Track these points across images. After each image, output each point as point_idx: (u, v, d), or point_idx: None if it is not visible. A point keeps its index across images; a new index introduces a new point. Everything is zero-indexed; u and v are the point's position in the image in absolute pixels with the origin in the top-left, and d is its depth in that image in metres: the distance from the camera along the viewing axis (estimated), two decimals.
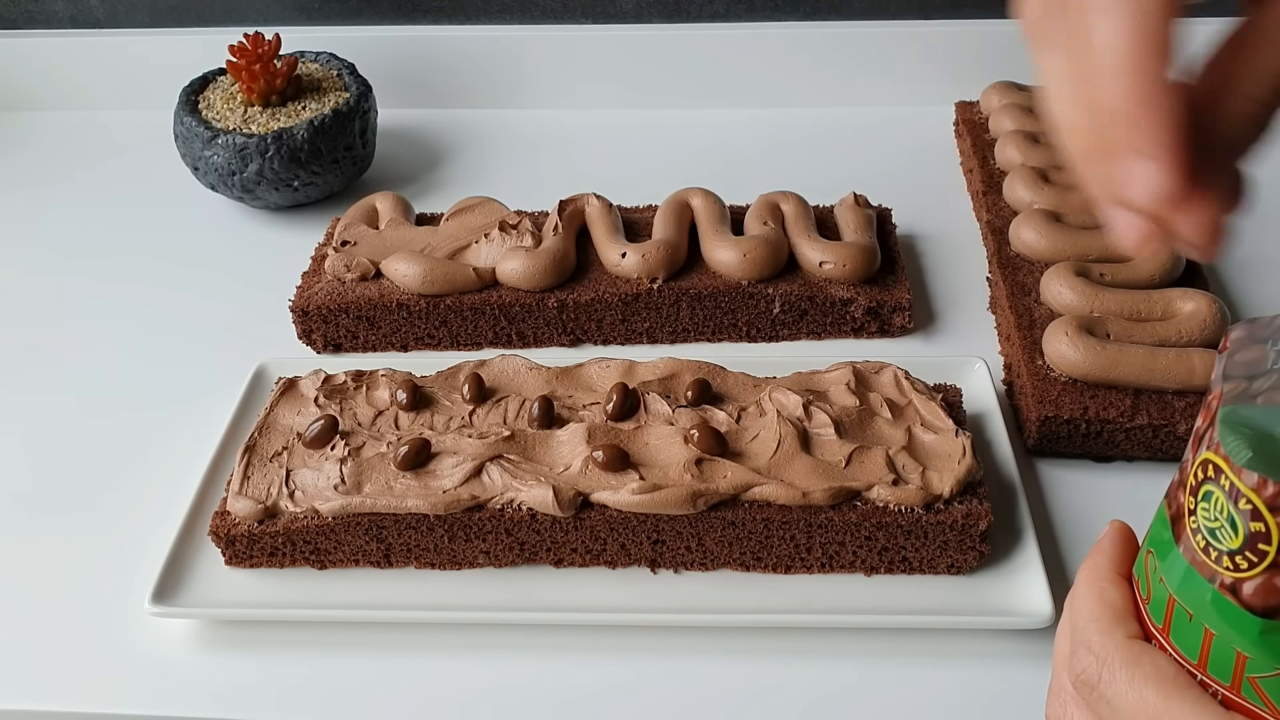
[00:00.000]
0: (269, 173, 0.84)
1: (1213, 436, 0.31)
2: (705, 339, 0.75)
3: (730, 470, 0.56)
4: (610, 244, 0.75)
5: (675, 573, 0.59)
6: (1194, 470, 0.32)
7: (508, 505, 0.57)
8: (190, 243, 0.88)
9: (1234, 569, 0.30)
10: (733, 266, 0.73)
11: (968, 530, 0.55)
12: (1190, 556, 0.32)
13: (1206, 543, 0.31)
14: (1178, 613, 0.32)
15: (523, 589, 0.58)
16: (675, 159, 0.96)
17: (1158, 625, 0.34)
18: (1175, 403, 0.62)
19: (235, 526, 0.58)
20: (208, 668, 0.56)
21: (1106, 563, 0.36)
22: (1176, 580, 0.32)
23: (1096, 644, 0.34)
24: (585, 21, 1.01)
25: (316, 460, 0.59)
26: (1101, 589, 0.36)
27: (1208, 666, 0.32)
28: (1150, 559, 0.34)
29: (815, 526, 0.56)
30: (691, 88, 1.02)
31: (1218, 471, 0.30)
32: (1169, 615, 0.33)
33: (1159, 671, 0.32)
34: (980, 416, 0.65)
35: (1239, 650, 0.31)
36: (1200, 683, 0.32)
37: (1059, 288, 0.67)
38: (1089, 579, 0.36)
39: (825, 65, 1.00)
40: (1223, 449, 0.30)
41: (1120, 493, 0.62)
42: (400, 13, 1.02)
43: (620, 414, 0.60)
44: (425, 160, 0.98)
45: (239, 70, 0.86)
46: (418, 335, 0.75)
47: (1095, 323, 0.65)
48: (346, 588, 0.58)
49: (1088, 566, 0.37)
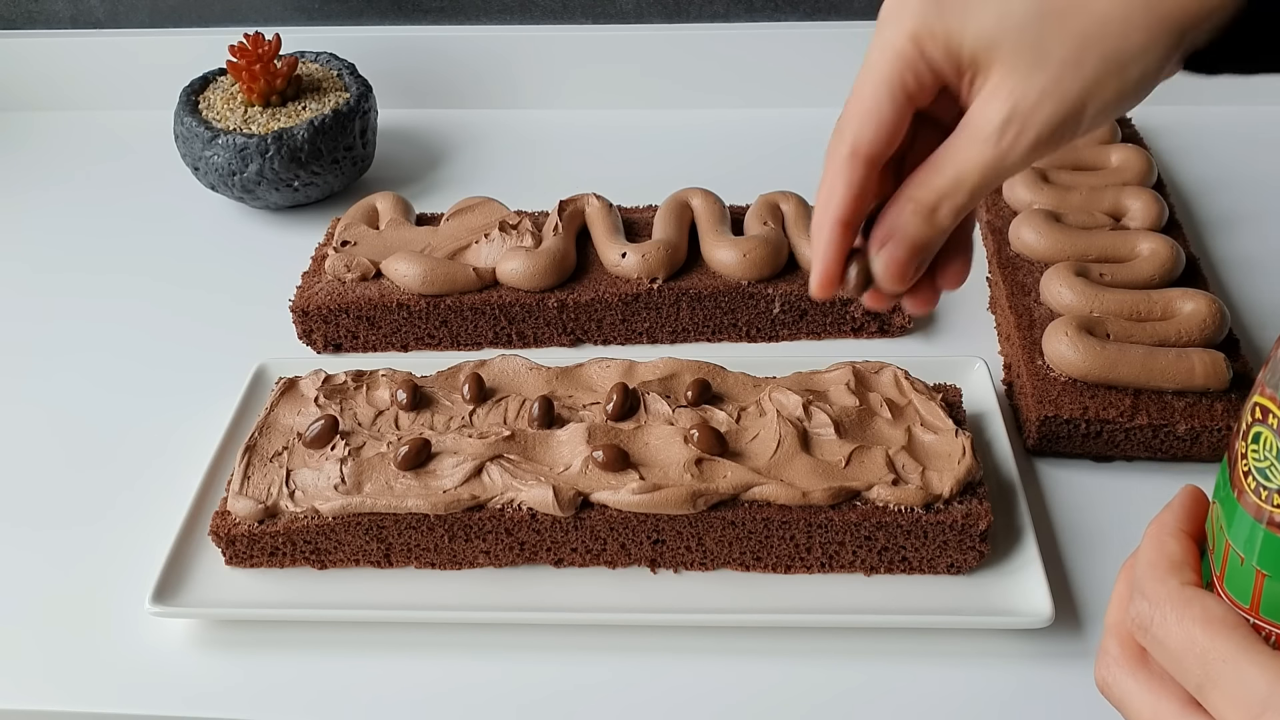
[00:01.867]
0: (269, 173, 0.84)
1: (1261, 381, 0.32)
2: (705, 339, 0.75)
3: (730, 470, 0.56)
4: (610, 244, 0.75)
5: (675, 573, 0.59)
6: (1246, 414, 0.33)
7: (508, 505, 0.57)
8: (190, 243, 0.88)
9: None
10: (733, 266, 0.73)
11: (968, 530, 0.55)
12: (1244, 500, 0.33)
13: (1258, 483, 0.32)
14: (1232, 558, 0.34)
15: (523, 589, 0.58)
16: (675, 159, 0.96)
17: (1216, 573, 0.35)
18: (1175, 403, 0.62)
19: (235, 526, 0.58)
20: (208, 668, 0.56)
21: (1172, 519, 0.37)
22: (1232, 525, 0.33)
23: (1150, 590, 0.35)
24: (585, 21, 1.01)
25: (317, 460, 0.59)
26: (1162, 541, 0.37)
27: (1260, 609, 0.33)
28: (1214, 510, 0.35)
29: (815, 526, 0.56)
30: (691, 88, 1.02)
31: (1265, 413, 0.32)
32: (1225, 561, 0.34)
33: (1207, 612, 0.33)
34: (980, 416, 0.65)
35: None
36: (1253, 626, 0.33)
37: (1059, 288, 0.67)
38: (1152, 534, 0.37)
39: (825, 65, 1.00)
40: (1269, 390, 0.31)
41: (1120, 493, 0.62)
42: (400, 13, 1.02)
43: (620, 414, 0.60)
44: (425, 160, 0.98)
45: (239, 70, 0.86)
46: (418, 335, 0.75)
47: (1095, 323, 0.65)
48: (346, 588, 0.58)
49: (1154, 523, 0.38)
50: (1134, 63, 0.37)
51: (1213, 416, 0.61)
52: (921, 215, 0.41)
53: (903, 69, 0.40)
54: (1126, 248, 0.71)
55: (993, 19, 0.38)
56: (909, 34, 0.39)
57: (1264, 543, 0.32)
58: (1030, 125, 0.38)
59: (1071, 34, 0.37)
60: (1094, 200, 0.75)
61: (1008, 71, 0.38)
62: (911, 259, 0.41)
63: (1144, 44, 0.37)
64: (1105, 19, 0.37)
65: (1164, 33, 0.36)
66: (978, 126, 0.39)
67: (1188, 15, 0.36)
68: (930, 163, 0.40)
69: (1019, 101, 0.38)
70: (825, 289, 0.43)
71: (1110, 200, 0.75)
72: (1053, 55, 0.37)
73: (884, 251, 0.41)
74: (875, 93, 0.40)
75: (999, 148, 0.38)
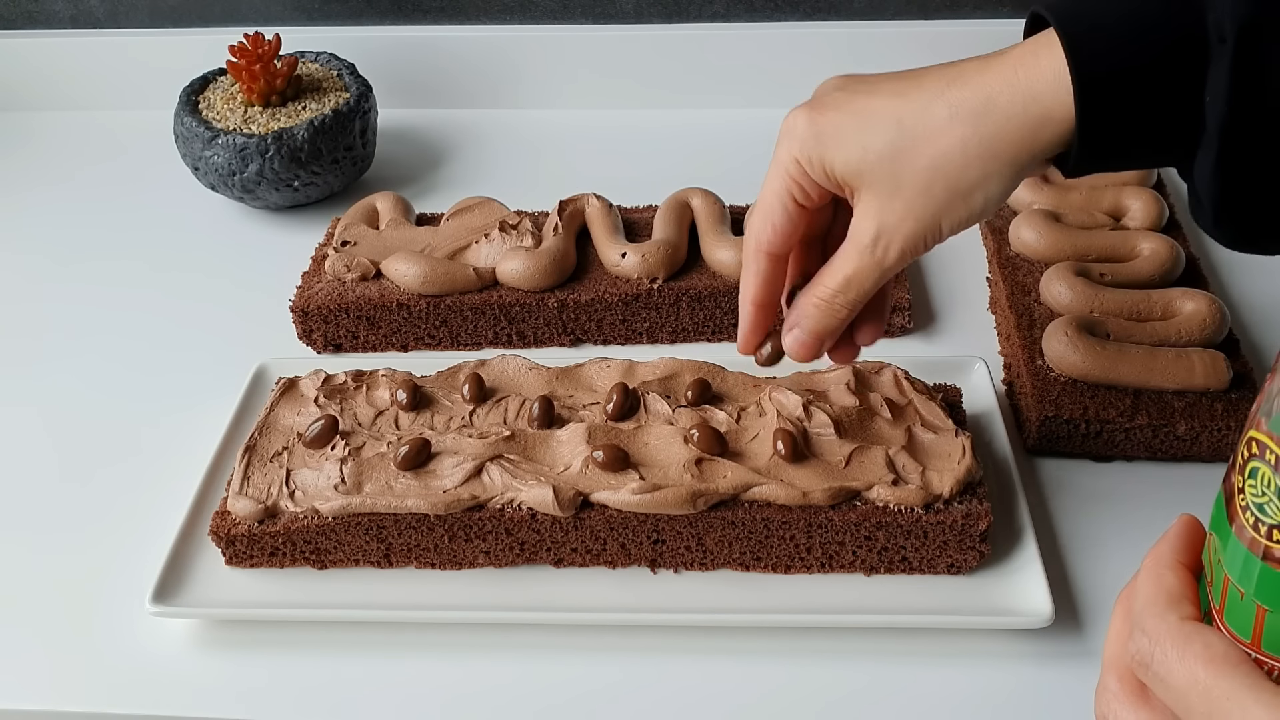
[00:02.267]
0: (269, 173, 0.84)
1: (1256, 415, 0.32)
2: (705, 339, 0.75)
3: (730, 470, 0.56)
4: (610, 244, 0.75)
5: (675, 573, 0.59)
6: (1241, 448, 0.33)
7: (508, 505, 0.57)
8: (190, 243, 0.88)
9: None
10: (733, 266, 0.73)
11: (968, 530, 0.55)
12: (1241, 535, 0.32)
13: (1255, 519, 0.32)
14: (1231, 592, 0.33)
15: (523, 589, 0.58)
16: (675, 159, 0.96)
17: (1215, 606, 0.34)
18: (1175, 403, 0.62)
19: (235, 526, 0.58)
20: (208, 668, 0.56)
21: (1169, 551, 0.37)
22: (1230, 560, 0.33)
23: (1150, 626, 0.35)
24: (585, 21, 1.01)
25: (317, 460, 0.59)
26: (1160, 575, 0.36)
27: (1261, 644, 0.32)
28: (1210, 541, 0.35)
29: (815, 526, 0.56)
30: (691, 88, 1.02)
31: (1261, 448, 0.31)
32: (1224, 594, 0.34)
33: (1209, 649, 0.33)
34: (980, 416, 0.65)
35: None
36: (1254, 660, 0.32)
37: (1059, 288, 0.67)
38: (1150, 566, 0.37)
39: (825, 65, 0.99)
40: (1265, 425, 0.31)
41: (1120, 493, 0.62)
42: (400, 13, 1.02)
43: (620, 414, 0.60)
44: (425, 160, 0.98)
45: (239, 70, 0.86)
46: (418, 335, 0.75)
47: (1095, 323, 0.65)
48: (346, 588, 0.58)
49: (1150, 556, 0.38)
50: (975, 191, 0.44)
51: (1213, 416, 0.61)
52: (821, 309, 0.49)
53: (790, 184, 0.48)
54: (1126, 248, 0.71)
55: (857, 152, 0.45)
56: (793, 157, 0.47)
57: (1262, 577, 0.32)
58: (895, 240, 0.46)
59: (919, 168, 0.44)
60: (1094, 200, 0.75)
61: (873, 195, 0.46)
62: (814, 341, 0.50)
63: (981, 176, 0.44)
64: (946, 155, 0.44)
65: (999, 166, 0.43)
66: (855, 239, 0.47)
67: (1021, 152, 0.43)
68: (828, 265, 0.49)
69: (884, 220, 0.46)
70: (744, 352, 0.53)
71: (1110, 200, 0.75)
72: (906, 184, 0.45)
73: (791, 335, 0.51)
74: (770, 202, 0.49)
75: (874, 257, 0.47)
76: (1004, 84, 0.43)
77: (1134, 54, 0.41)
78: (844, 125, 0.46)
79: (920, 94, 0.44)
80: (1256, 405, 0.32)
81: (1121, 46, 0.41)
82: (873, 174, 0.45)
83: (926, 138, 0.44)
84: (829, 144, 0.46)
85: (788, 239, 0.49)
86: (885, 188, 0.45)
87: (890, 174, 0.45)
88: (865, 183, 0.45)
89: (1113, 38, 0.41)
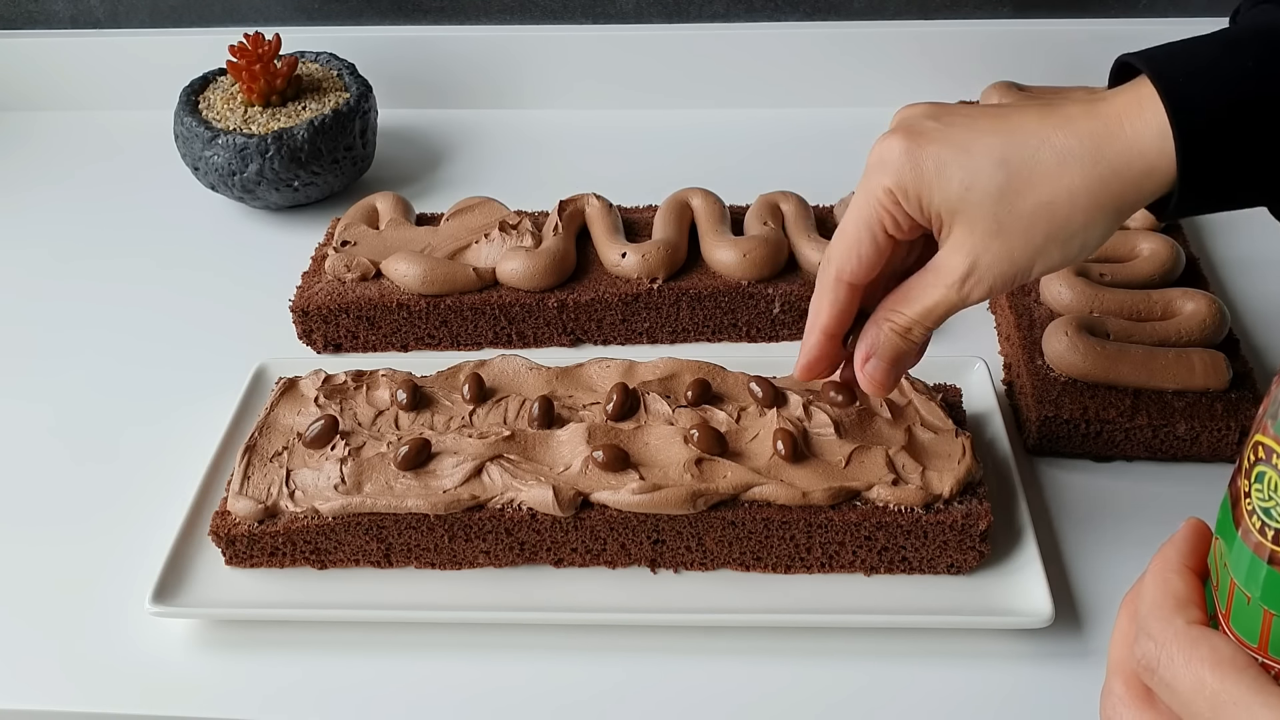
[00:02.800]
0: (269, 173, 0.84)
1: (1263, 419, 0.32)
2: (705, 339, 0.75)
3: (730, 470, 0.56)
4: (610, 244, 0.75)
5: (675, 573, 0.59)
6: (1247, 453, 0.32)
7: (508, 505, 0.57)
8: (190, 243, 0.88)
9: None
10: (733, 266, 0.73)
11: (968, 530, 0.55)
12: (1248, 539, 0.32)
13: (1262, 523, 0.32)
14: (1238, 596, 0.33)
15: (523, 589, 0.58)
16: (675, 159, 0.96)
17: (1221, 610, 0.34)
18: (1175, 403, 0.62)
19: (235, 526, 0.58)
20: (208, 668, 0.56)
21: (1175, 555, 0.37)
22: (1236, 563, 0.33)
23: (1156, 630, 0.35)
24: (585, 21, 1.01)
25: (316, 460, 0.59)
26: (1166, 579, 0.36)
27: (1269, 648, 0.32)
28: (1217, 545, 0.35)
29: (815, 526, 0.56)
30: (691, 88, 1.02)
31: (1269, 452, 0.31)
32: (1230, 599, 0.34)
33: (1215, 653, 0.33)
34: (980, 416, 0.65)
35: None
36: (1261, 665, 0.32)
37: (1059, 287, 0.67)
38: (1156, 570, 0.37)
39: (825, 65, 1.00)
40: (1272, 429, 0.31)
41: (1120, 493, 0.62)
42: (400, 13, 1.02)
43: (620, 414, 0.60)
44: (425, 160, 0.98)
45: (239, 70, 0.86)
46: (418, 335, 0.75)
47: (1095, 323, 0.65)
48: (346, 588, 0.58)
49: (1157, 559, 0.38)
50: (1075, 237, 0.44)
51: (1213, 416, 0.61)
52: (898, 335, 0.49)
53: (881, 215, 0.47)
54: (1126, 248, 0.71)
55: (958, 191, 0.45)
56: (887, 188, 0.46)
57: (1269, 581, 0.32)
58: (985, 279, 0.46)
59: (1024, 212, 0.44)
60: None
61: (969, 233, 0.45)
62: (891, 370, 0.50)
63: (1085, 223, 0.44)
64: (1053, 202, 0.44)
65: (1103, 214, 0.44)
66: (943, 273, 0.47)
67: (1125, 203, 0.44)
68: (904, 292, 0.49)
69: (978, 259, 0.45)
70: (807, 376, 0.53)
71: None
72: (1007, 227, 0.44)
73: (868, 366, 0.50)
74: (858, 232, 0.48)
75: (960, 292, 0.46)
76: (1111, 136, 0.43)
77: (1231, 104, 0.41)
78: (945, 160, 0.45)
79: (1025, 135, 0.44)
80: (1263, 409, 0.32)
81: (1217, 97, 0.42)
82: (973, 212, 0.45)
83: (1033, 182, 0.43)
84: (928, 178, 0.45)
85: (871, 270, 0.48)
86: (985, 227, 0.45)
87: (993, 215, 0.44)
88: (963, 220, 0.45)
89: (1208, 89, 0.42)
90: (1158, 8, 0.97)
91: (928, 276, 0.47)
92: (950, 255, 0.46)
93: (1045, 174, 0.43)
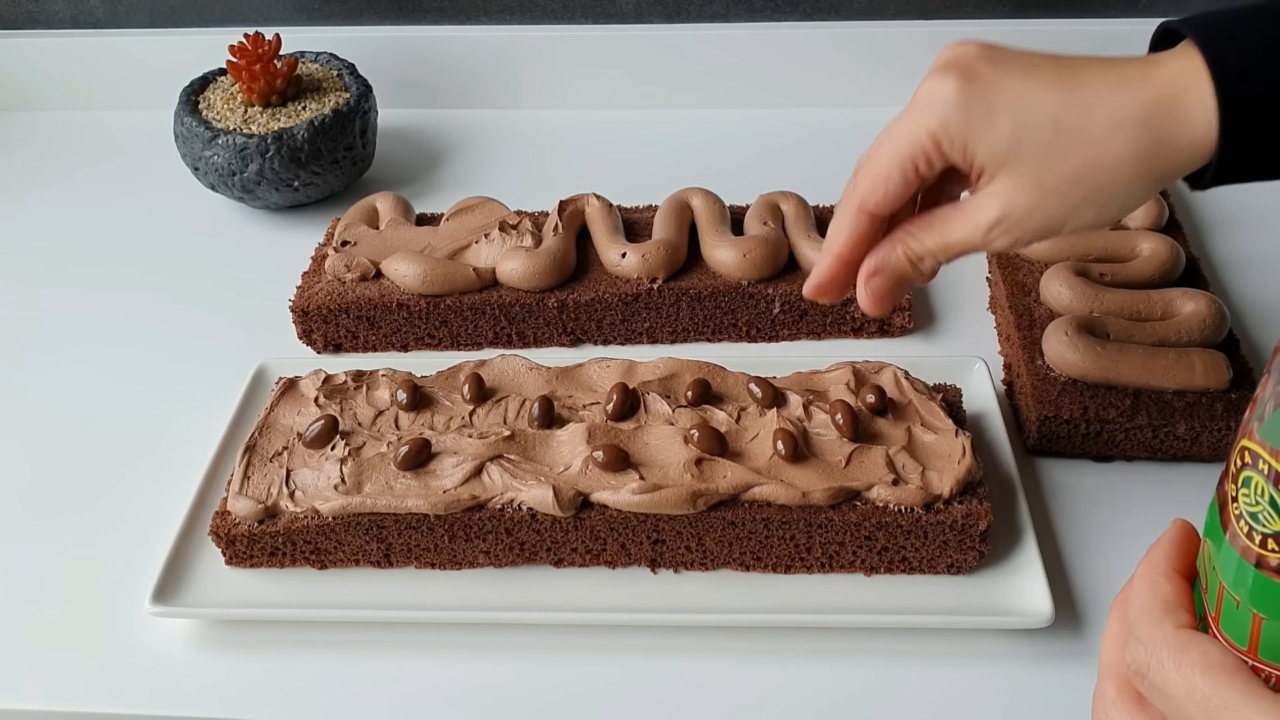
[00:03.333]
0: (269, 173, 0.84)
1: (1249, 424, 0.32)
2: (705, 339, 0.75)
3: (730, 470, 0.56)
4: (610, 244, 0.75)
5: (675, 573, 0.59)
6: (1234, 457, 0.32)
7: (508, 505, 0.57)
8: (190, 243, 0.88)
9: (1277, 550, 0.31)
10: (733, 266, 0.73)
11: (968, 530, 0.55)
12: (1235, 543, 0.32)
13: (1249, 527, 0.31)
14: (1227, 600, 0.33)
15: (523, 589, 0.58)
16: (675, 159, 0.96)
17: (1211, 613, 0.34)
18: (1175, 403, 0.62)
19: (235, 526, 0.58)
20: (208, 668, 0.56)
21: (1163, 558, 0.37)
22: (1225, 567, 0.33)
23: (1145, 634, 0.35)
24: (585, 21, 1.01)
25: (316, 460, 0.59)
26: (1155, 582, 0.36)
27: (1258, 651, 0.32)
28: (1205, 548, 0.35)
29: (815, 526, 0.56)
30: (691, 88, 1.02)
31: (1255, 457, 0.31)
32: (1219, 602, 0.34)
33: (1205, 658, 0.33)
34: (980, 416, 0.65)
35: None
36: (1252, 668, 0.32)
37: (1059, 288, 0.67)
38: (1144, 573, 0.37)
39: (825, 65, 1.00)
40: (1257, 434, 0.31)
41: (1120, 493, 0.62)
42: (400, 13, 1.02)
43: (620, 414, 0.60)
44: (425, 160, 0.98)
45: (239, 70, 0.86)
46: (418, 335, 0.75)
47: (1095, 323, 0.65)
48: (346, 588, 0.58)
49: (1145, 562, 0.38)
50: (1114, 201, 0.44)
51: (1213, 416, 0.61)
52: (908, 260, 0.48)
53: (917, 155, 0.46)
54: (1126, 248, 0.71)
55: (1006, 143, 0.44)
56: (932, 130, 0.45)
57: (1257, 585, 0.31)
58: (1014, 230, 0.45)
59: (1067, 171, 0.43)
60: None
61: (1008, 185, 0.45)
62: (893, 290, 0.49)
63: (1127, 189, 0.44)
64: (1098, 164, 0.43)
65: (1145, 181, 0.44)
66: (972, 215, 0.46)
67: (1168, 171, 0.44)
68: (926, 220, 0.48)
69: (1011, 210, 0.45)
70: (815, 296, 0.51)
71: None
72: (1048, 182, 0.44)
73: (871, 282, 0.49)
74: (889, 166, 0.47)
75: (985, 238, 0.46)
76: (1163, 105, 0.42)
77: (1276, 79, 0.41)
78: (997, 109, 0.44)
79: (1081, 94, 0.43)
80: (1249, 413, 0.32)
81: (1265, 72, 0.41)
82: (1017, 166, 0.44)
83: (1082, 144, 0.43)
84: (977, 126, 0.44)
85: (895, 203, 0.48)
86: (1027, 182, 0.44)
87: (1036, 169, 0.44)
88: (1005, 171, 0.44)
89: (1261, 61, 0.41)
90: (1158, 8, 0.97)
91: (956, 214, 0.47)
92: (985, 200, 0.45)
93: (1095, 137, 0.43)
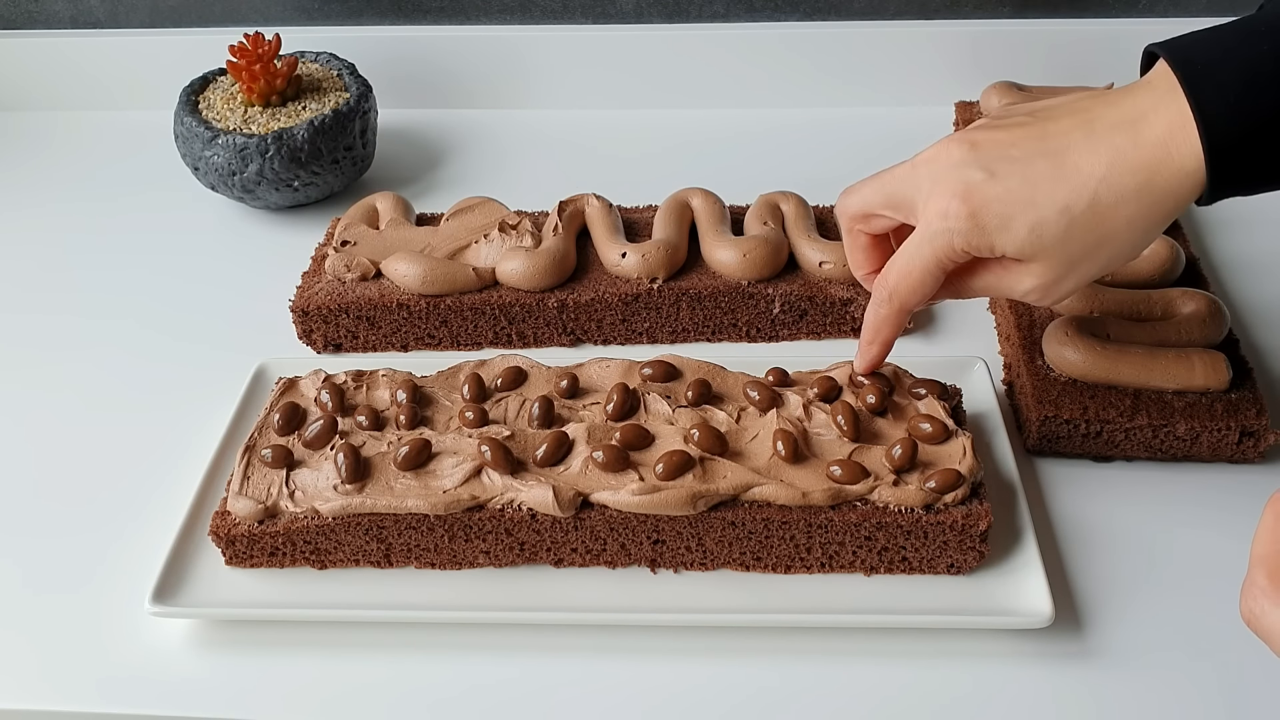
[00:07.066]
0: (269, 173, 0.84)
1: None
2: (705, 339, 0.75)
3: (730, 470, 0.56)
4: (610, 244, 0.75)
5: (675, 573, 0.59)
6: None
7: (508, 505, 0.57)
8: (190, 243, 0.88)
9: None
10: (733, 266, 0.73)
11: (968, 530, 0.55)
12: None
13: None
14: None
15: (523, 589, 0.58)
16: (675, 159, 0.96)
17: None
18: (1175, 403, 0.62)
19: (235, 526, 0.58)
20: (208, 668, 0.56)
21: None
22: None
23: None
24: (585, 21, 1.01)
25: (316, 460, 0.59)
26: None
27: None
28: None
29: (815, 526, 0.56)
30: (691, 88, 1.02)
31: None
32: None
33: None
34: (980, 416, 0.65)
35: None
36: None
37: None
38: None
39: (825, 65, 1.00)
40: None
41: (1120, 493, 0.62)
42: (400, 13, 1.02)
43: (620, 414, 0.60)
44: (425, 160, 0.98)
45: (239, 70, 0.86)
46: (418, 335, 0.75)
47: (1095, 323, 0.65)
48: (346, 588, 0.58)
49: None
50: (1134, 248, 0.50)
51: (1213, 416, 0.61)
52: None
53: (947, 261, 0.52)
54: None
55: (1027, 237, 0.50)
56: (956, 247, 0.51)
57: None
58: (1048, 296, 0.52)
59: (1088, 244, 0.49)
60: None
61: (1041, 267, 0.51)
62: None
63: (1143, 236, 0.50)
64: (1114, 233, 0.49)
65: (1155, 228, 0.49)
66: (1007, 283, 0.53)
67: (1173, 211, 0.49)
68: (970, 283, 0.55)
69: (1044, 281, 0.51)
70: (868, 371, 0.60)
71: None
72: (1073, 257, 0.50)
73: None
74: (922, 276, 0.53)
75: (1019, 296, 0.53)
76: (1159, 165, 0.47)
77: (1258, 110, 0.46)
78: (1010, 213, 0.49)
79: (1081, 178, 0.48)
80: None
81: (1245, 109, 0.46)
82: (1044, 253, 0.50)
83: (1094, 219, 0.49)
84: (995, 232, 0.50)
85: (926, 300, 0.55)
86: (1055, 261, 0.50)
87: (1060, 251, 0.50)
88: (1034, 259, 0.50)
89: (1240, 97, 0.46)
90: (1158, 8, 0.97)
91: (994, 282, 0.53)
92: (1021, 276, 0.52)
93: (1104, 211, 0.48)
